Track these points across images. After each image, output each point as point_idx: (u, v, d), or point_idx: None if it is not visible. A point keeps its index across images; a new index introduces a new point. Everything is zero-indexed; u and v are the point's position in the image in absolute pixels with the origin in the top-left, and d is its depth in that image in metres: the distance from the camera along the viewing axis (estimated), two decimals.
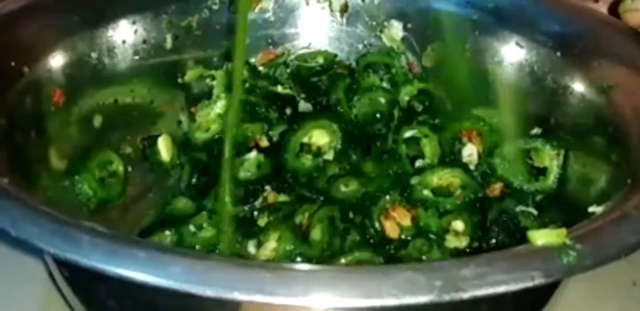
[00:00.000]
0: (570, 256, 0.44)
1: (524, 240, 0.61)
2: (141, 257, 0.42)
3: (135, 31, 0.71)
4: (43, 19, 0.66)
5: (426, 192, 0.66)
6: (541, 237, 0.45)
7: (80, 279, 0.53)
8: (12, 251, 0.67)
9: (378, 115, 0.72)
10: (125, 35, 0.70)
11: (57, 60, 0.65)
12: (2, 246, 0.68)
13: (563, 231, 0.46)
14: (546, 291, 0.53)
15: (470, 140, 0.71)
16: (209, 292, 0.41)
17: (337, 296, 0.41)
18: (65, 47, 0.66)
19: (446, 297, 0.41)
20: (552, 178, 0.67)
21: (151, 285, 0.41)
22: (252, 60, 0.78)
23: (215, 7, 0.75)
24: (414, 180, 0.67)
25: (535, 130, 0.72)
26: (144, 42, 0.71)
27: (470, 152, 0.70)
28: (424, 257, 0.63)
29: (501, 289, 0.42)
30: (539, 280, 0.43)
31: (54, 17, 0.67)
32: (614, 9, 0.80)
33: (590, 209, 0.55)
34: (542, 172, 0.69)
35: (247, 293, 0.41)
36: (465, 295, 0.41)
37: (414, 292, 0.41)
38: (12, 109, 0.59)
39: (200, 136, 0.73)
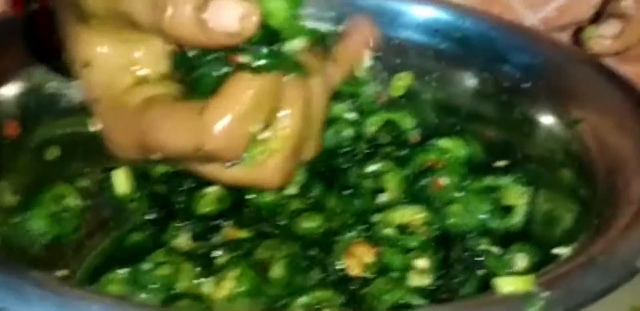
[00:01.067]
0: (536, 305, 0.43)
1: (487, 276, 0.61)
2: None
3: None
4: None
5: (389, 230, 0.65)
6: (508, 285, 0.44)
7: None
8: None
9: (342, 149, 0.70)
10: None
11: (11, 90, 0.63)
12: None
13: (530, 278, 0.45)
14: None
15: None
16: None
17: None
18: (21, 77, 0.64)
19: None
20: (518, 216, 0.66)
21: None
22: None
23: None
24: (376, 218, 0.66)
25: (502, 162, 0.71)
26: None
27: None
28: (386, 296, 0.61)
29: None
30: None
31: (9, 46, 0.64)
32: (576, 36, 0.80)
33: (556, 250, 0.54)
34: (508, 209, 0.67)
35: None
36: None
37: None
38: None
39: (159, 169, 0.71)
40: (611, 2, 0.75)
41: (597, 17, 0.77)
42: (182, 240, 0.67)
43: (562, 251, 0.54)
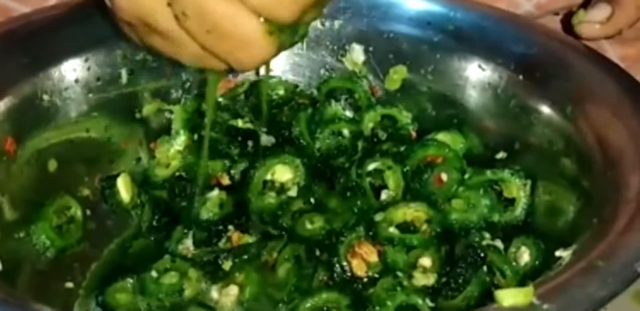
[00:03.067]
0: None
1: (490, 271, 0.61)
2: None
3: (88, 68, 0.69)
4: None
5: (392, 230, 0.66)
6: (508, 297, 0.45)
7: None
8: None
9: (342, 149, 0.71)
10: (77, 73, 0.69)
11: (6, 107, 0.63)
12: None
13: (530, 290, 0.45)
14: None
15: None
16: None
17: None
18: (14, 92, 0.64)
19: None
20: (519, 209, 0.67)
21: None
22: None
23: None
24: (378, 217, 0.66)
25: (501, 154, 0.71)
26: (98, 79, 0.70)
27: None
28: (391, 298, 0.62)
29: None
30: None
31: (2, 62, 0.64)
32: (567, 21, 0.80)
33: (557, 253, 0.55)
34: (509, 202, 0.67)
35: None
36: None
37: None
38: None
39: (160, 173, 0.71)
40: None
41: (587, 2, 0.77)
42: (187, 246, 0.67)
43: (564, 254, 0.54)
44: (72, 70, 0.68)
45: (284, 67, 0.78)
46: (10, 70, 0.64)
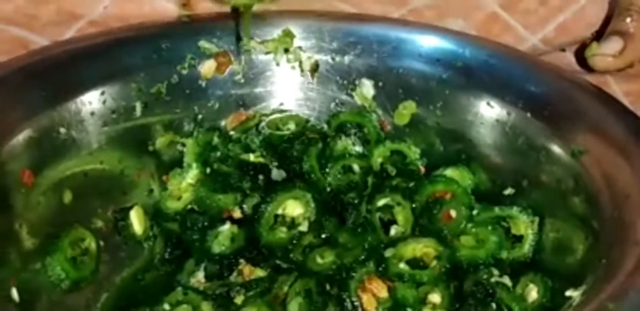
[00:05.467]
0: None
1: (499, 308, 0.62)
2: None
3: (104, 101, 0.70)
4: (8, 97, 0.64)
5: (402, 266, 0.66)
6: None
7: None
8: None
9: (352, 185, 0.71)
10: (93, 106, 0.70)
11: (25, 140, 0.64)
12: None
13: None
14: None
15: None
16: None
17: None
18: (32, 126, 0.65)
19: None
20: (527, 246, 0.67)
21: None
22: (223, 123, 0.76)
23: (184, 72, 0.74)
24: (388, 253, 0.67)
25: (508, 191, 0.72)
26: (113, 112, 0.71)
27: None
28: None
29: None
30: None
31: (19, 95, 0.65)
32: (580, 53, 0.81)
33: (568, 293, 0.55)
34: (518, 239, 0.68)
35: None
36: None
37: None
38: None
39: (172, 205, 0.72)
40: (613, 20, 0.77)
41: (600, 35, 0.78)
42: (199, 279, 0.68)
43: (574, 294, 0.54)
44: (89, 103, 0.69)
45: (294, 101, 0.79)
46: (29, 103, 0.65)
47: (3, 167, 0.61)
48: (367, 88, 0.78)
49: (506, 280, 0.67)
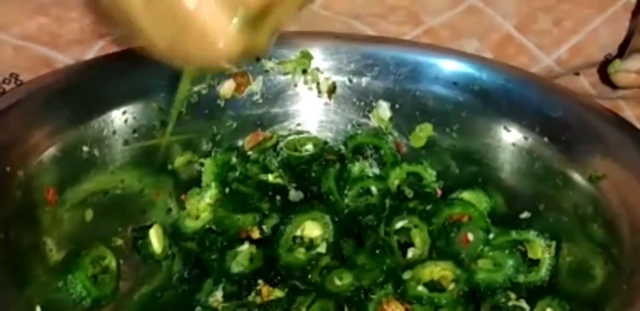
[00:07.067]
0: None
1: None
2: None
3: (126, 121, 0.70)
4: (33, 116, 0.65)
5: (420, 288, 0.67)
6: None
7: None
8: None
9: (370, 207, 0.72)
10: (115, 125, 0.70)
11: (49, 158, 0.64)
12: None
13: None
14: None
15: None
16: None
17: None
18: (57, 144, 0.66)
19: None
20: (544, 270, 0.68)
21: None
22: (241, 143, 0.77)
23: (204, 92, 0.74)
24: (406, 275, 0.67)
25: (525, 214, 0.72)
26: (134, 131, 0.71)
27: None
28: None
29: None
30: None
31: (44, 114, 0.66)
32: (603, 69, 0.82)
33: None
34: (535, 263, 0.69)
35: None
36: None
37: None
38: (7, 217, 0.58)
39: (190, 224, 0.72)
40: (634, 37, 0.78)
41: (622, 52, 0.79)
42: (217, 299, 0.68)
43: None
44: (111, 122, 0.70)
45: (311, 122, 0.80)
46: (53, 122, 0.65)
47: (29, 184, 0.61)
48: (383, 110, 0.78)
49: (523, 303, 0.67)
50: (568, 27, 0.83)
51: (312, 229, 0.70)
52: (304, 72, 0.78)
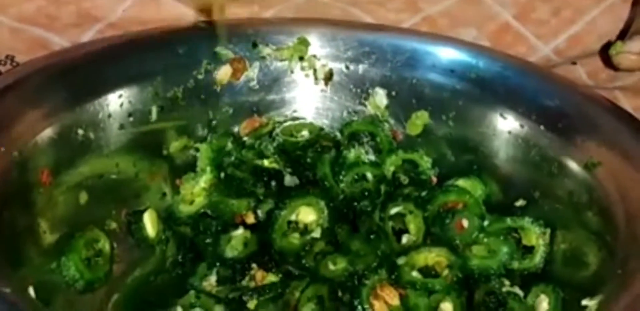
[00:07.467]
0: None
1: None
2: None
3: (121, 104, 0.70)
4: (29, 98, 0.64)
5: (414, 274, 0.67)
6: None
7: None
8: None
9: (365, 193, 0.72)
10: (111, 109, 0.70)
11: (44, 140, 0.64)
12: None
13: None
14: None
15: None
16: None
17: None
18: (52, 126, 0.65)
19: None
20: (538, 257, 0.68)
21: None
22: (237, 129, 0.77)
23: (200, 77, 0.74)
24: (400, 261, 0.67)
25: (520, 202, 0.72)
26: (130, 115, 0.71)
27: None
28: None
29: None
30: None
31: (40, 96, 0.65)
32: (604, 51, 0.82)
33: (584, 302, 0.56)
34: (529, 250, 0.68)
35: None
36: None
37: None
38: (1, 197, 0.58)
39: (184, 209, 0.72)
40: (636, 20, 0.77)
41: (624, 34, 0.79)
42: (211, 283, 0.68)
43: (590, 303, 0.55)
44: (107, 106, 0.69)
45: (308, 108, 0.79)
46: (49, 104, 0.65)
47: (24, 165, 0.61)
48: (380, 97, 0.78)
49: (517, 290, 0.67)
50: (566, 17, 0.83)
51: (306, 214, 0.70)
52: (301, 58, 0.78)
